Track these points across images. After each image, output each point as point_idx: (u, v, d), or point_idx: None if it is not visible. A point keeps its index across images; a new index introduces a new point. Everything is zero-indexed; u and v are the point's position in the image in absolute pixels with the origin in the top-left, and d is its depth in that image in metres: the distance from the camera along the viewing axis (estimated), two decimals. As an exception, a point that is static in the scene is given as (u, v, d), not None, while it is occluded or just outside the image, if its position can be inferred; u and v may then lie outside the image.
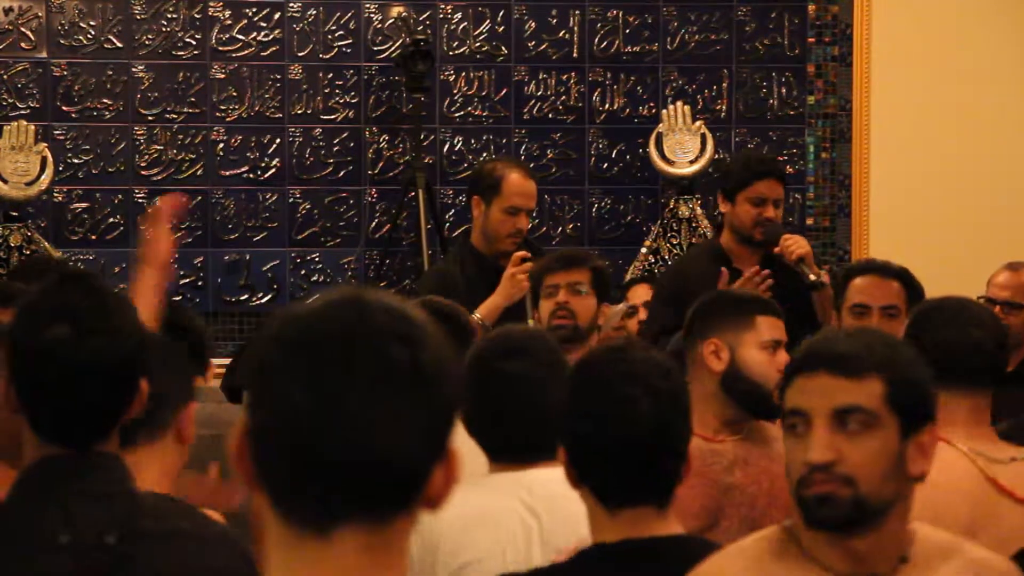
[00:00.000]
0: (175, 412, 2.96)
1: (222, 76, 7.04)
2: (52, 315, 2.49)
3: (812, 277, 5.53)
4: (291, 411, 1.52)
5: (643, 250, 6.98)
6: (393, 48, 7.09)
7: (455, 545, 3.08)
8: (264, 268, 7.06)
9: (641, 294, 5.98)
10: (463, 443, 3.73)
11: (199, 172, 7.02)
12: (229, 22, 7.05)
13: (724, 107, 7.31)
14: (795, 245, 5.61)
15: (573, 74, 7.25)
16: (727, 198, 5.77)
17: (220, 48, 7.05)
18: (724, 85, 7.32)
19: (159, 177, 7.00)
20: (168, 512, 2.53)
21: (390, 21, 7.13)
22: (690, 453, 2.72)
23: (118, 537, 2.42)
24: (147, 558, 2.43)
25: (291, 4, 7.09)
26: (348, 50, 7.12)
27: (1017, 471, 3.36)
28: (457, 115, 7.18)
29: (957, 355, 3.34)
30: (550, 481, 2.92)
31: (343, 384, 1.51)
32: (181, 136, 7.01)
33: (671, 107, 7.11)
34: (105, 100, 6.96)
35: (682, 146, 7.05)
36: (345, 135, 7.11)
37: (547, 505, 3.05)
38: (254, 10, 7.07)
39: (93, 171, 6.95)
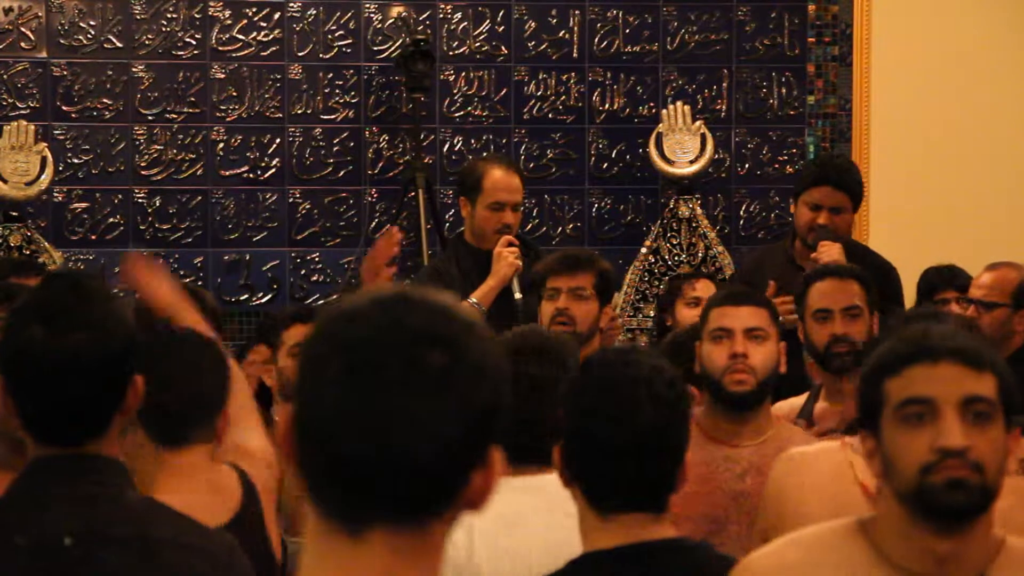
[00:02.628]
0: (223, 412, 2.99)
1: (222, 76, 7.04)
2: (32, 315, 2.50)
3: None
4: (323, 409, 1.53)
5: (643, 250, 6.98)
6: (393, 48, 7.09)
7: (490, 549, 3.08)
8: (264, 268, 7.06)
9: (701, 289, 5.89)
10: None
11: (199, 172, 7.02)
12: (229, 22, 7.04)
13: (724, 107, 7.31)
14: (824, 252, 5.61)
15: (573, 74, 7.25)
16: (794, 200, 5.83)
17: (220, 48, 7.04)
18: (724, 85, 7.31)
19: (159, 177, 6.99)
20: (148, 518, 2.51)
21: (390, 21, 7.13)
22: (688, 461, 2.70)
23: (78, 540, 2.42)
24: (104, 562, 2.42)
25: (291, 4, 7.08)
26: (348, 50, 7.11)
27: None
28: (457, 115, 7.18)
29: None
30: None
31: (374, 386, 1.51)
32: (181, 136, 7.01)
33: (671, 107, 7.11)
34: (105, 100, 6.96)
35: (682, 146, 7.04)
36: (345, 135, 7.11)
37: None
38: (254, 10, 7.07)
39: (93, 171, 6.95)
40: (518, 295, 5.59)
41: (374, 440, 1.51)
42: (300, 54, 7.08)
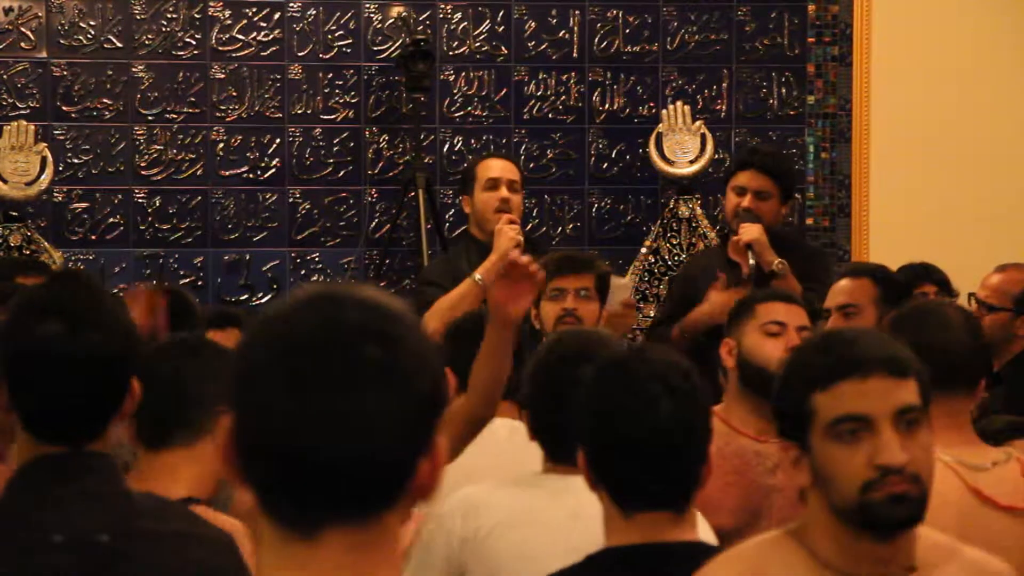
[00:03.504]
0: (217, 415, 2.96)
1: (222, 76, 7.04)
2: (47, 312, 2.49)
3: (751, 262, 5.62)
4: (269, 415, 1.52)
5: (643, 250, 6.97)
6: (393, 48, 7.09)
7: (498, 541, 3.10)
8: (264, 268, 7.06)
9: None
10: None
11: (199, 172, 7.02)
12: (229, 22, 7.04)
13: (724, 107, 7.31)
14: (745, 232, 5.66)
15: (573, 74, 7.25)
16: (724, 192, 5.91)
17: (220, 48, 7.04)
18: (724, 85, 7.31)
19: (159, 177, 7.00)
20: (163, 513, 2.53)
21: (390, 21, 7.13)
22: (712, 455, 2.71)
23: (112, 536, 2.42)
24: (141, 557, 2.43)
25: (291, 4, 7.08)
26: (348, 50, 7.11)
27: (999, 476, 3.36)
28: (457, 115, 7.18)
29: (928, 359, 3.32)
30: None
31: (319, 386, 1.51)
32: (181, 136, 7.01)
33: (671, 107, 7.11)
34: (105, 100, 6.96)
35: (682, 146, 7.04)
36: (345, 135, 7.11)
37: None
38: (254, 10, 7.07)
39: (93, 171, 6.95)
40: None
41: (325, 441, 1.51)
42: (300, 54, 7.08)
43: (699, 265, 5.96)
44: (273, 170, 7.07)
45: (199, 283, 6.97)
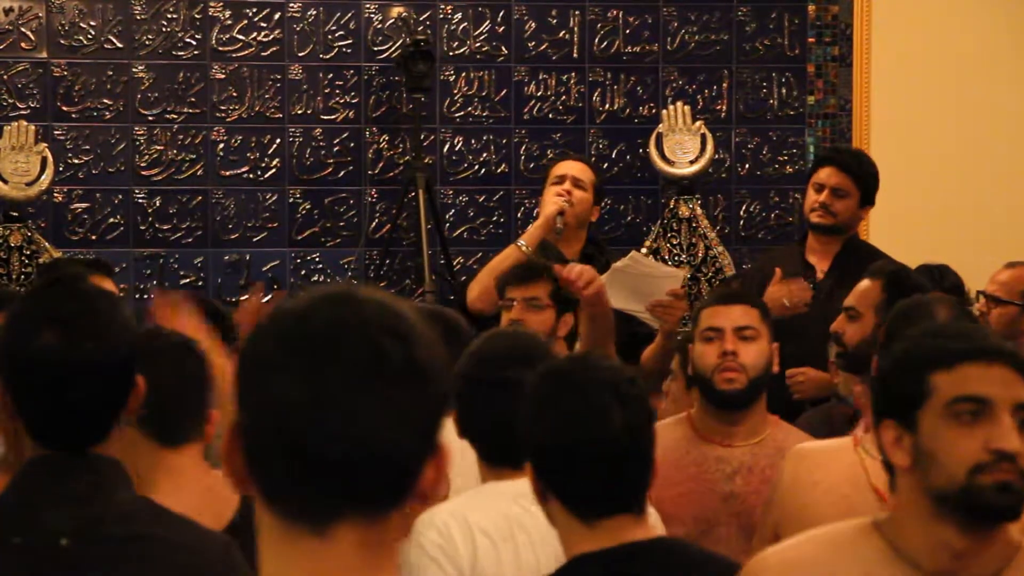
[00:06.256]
0: (211, 414, 2.99)
1: (222, 76, 7.04)
2: (41, 321, 2.49)
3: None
4: (285, 408, 1.51)
5: (643, 250, 6.97)
6: (393, 48, 7.09)
7: (494, 556, 3.07)
8: (264, 268, 7.06)
9: None
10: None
11: (199, 172, 7.02)
12: (229, 22, 7.05)
13: (724, 107, 7.31)
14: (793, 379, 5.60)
15: (573, 74, 7.25)
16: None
17: (220, 48, 7.04)
18: (724, 85, 7.31)
19: (159, 177, 7.00)
20: (144, 518, 2.51)
21: (390, 21, 7.13)
22: (658, 459, 2.70)
23: (74, 540, 2.42)
24: (100, 562, 2.43)
25: (291, 4, 7.09)
26: (348, 50, 7.12)
27: None
28: (457, 115, 7.18)
29: None
30: None
31: (337, 379, 1.51)
32: (181, 136, 7.01)
33: (671, 107, 7.10)
34: (105, 100, 6.96)
35: (682, 146, 7.04)
36: (345, 135, 7.11)
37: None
38: (254, 10, 7.07)
39: (93, 171, 6.95)
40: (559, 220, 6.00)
41: (346, 435, 1.51)
42: (300, 54, 7.09)
43: (787, 265, 5.90)
44: (273, 170, 7.07)
45: (199, 283, 6.97)
